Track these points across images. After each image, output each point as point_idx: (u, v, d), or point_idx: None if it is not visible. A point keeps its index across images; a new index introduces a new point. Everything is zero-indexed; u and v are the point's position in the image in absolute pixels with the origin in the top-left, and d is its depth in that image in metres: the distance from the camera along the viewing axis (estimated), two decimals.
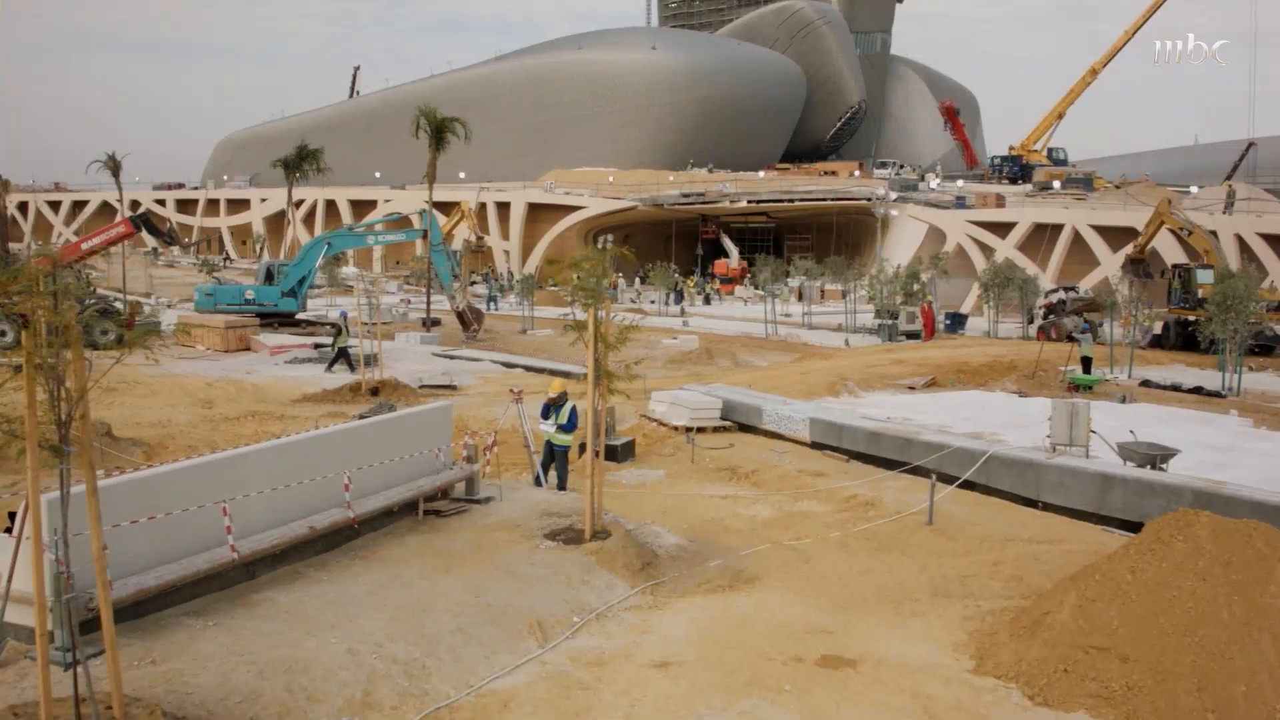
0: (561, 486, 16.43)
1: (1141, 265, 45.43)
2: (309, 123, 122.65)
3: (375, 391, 25.75)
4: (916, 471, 17.46)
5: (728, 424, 21.70)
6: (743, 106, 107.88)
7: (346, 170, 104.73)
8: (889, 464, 18.07)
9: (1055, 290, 42.54)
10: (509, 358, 31.89)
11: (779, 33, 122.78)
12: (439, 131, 37.16)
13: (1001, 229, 55.19)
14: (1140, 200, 54.31)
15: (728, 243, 77.82)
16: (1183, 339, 40.10)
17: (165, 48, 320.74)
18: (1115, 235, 51.23)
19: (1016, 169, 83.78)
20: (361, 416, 22.56)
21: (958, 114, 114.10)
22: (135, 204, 57.78)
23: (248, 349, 34.08)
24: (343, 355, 30.43)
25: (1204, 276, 40.24)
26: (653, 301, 56.91)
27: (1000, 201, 58.18)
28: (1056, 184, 63.95)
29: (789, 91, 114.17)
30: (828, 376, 30.02)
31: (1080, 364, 30.97)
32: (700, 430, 21.31)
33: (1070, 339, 37.85)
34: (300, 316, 40.83)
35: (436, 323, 45.10)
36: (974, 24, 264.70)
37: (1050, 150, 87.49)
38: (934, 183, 73.93)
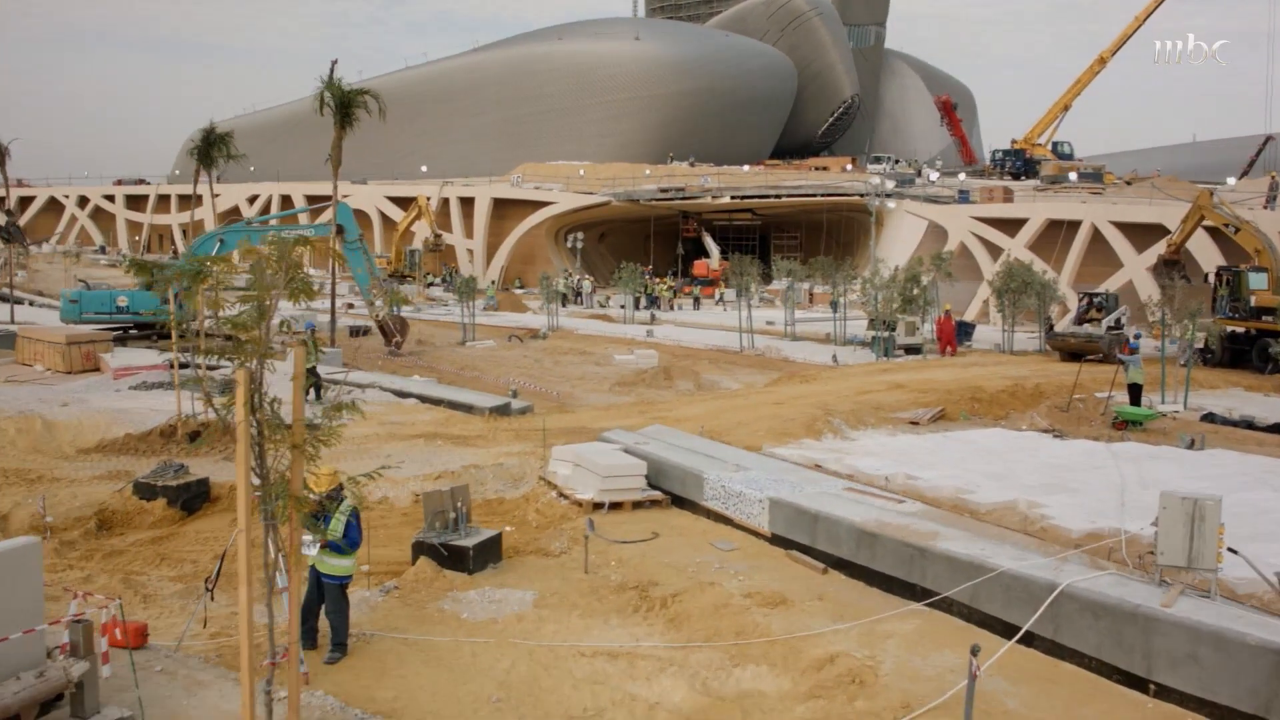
0: (337, 647, 9.63)
1: (1176, 267, 38.56)
2: (280, 117, 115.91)
3: (195, 436, 18.89)
4: (937, 598, 10.69)
5: (657, 495, 14.89)
6: (731, 100, 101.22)
7: (319, 165, 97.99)
8: (891, 582, 11.28)
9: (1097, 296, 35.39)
10: (405, 384, 24.96)
11: (769, 24, 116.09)
12: (344, 107, 30.38)
13: (1010, 226, 48.35)
14: (1168, 194, 47.55)
15: (709, 241, 70.93)
16: (1231, 355, 33.28)
17: (158, 46, 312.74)
18: (1140, 233, 44.42)
19: (1020, 164, 76.87)
20: (138, 485, 15.75)
21: (955, 109, 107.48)
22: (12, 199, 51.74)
23: (97, 369, 27.24)
24: (313, 380, 23.65)
25: (1257, 281, 33.45)
26: (622, 306, 49.98)
27: (1008, 196, 51.31)
28: (1073, 176, 56.95)
29: (779, 85, 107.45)
30: (809, 408, 23.21)
31: (1127, 393, 24.18)
32: (616, 506, 14.51)
33: (1085, 353, 30.78)
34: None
35: (365, 333, 38.35)
36: (968, 25, 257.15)
37: (1055, 144, 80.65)
38: (933, 176, 67.14)
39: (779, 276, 42.87)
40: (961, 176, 66.62)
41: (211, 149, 40.79)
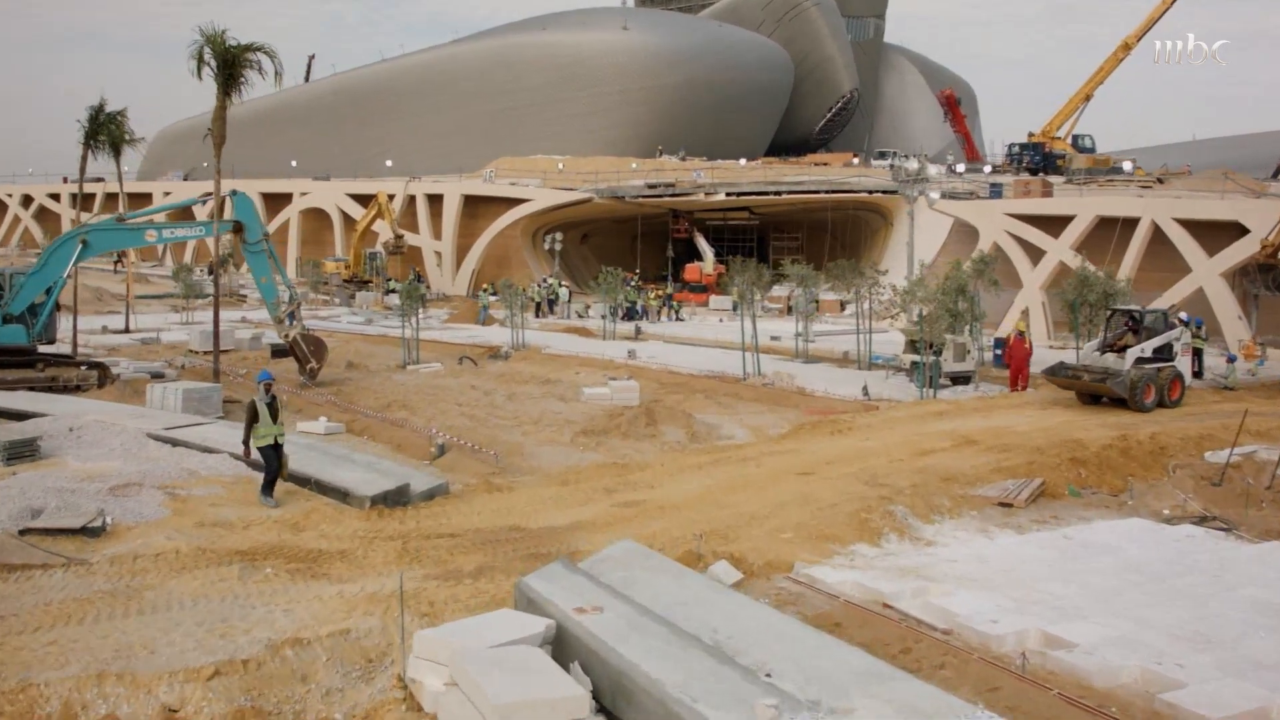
0: None
1: (1273, 273, 31.28)
2: (252, 111, 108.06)
3: None
4: None
5: None
6: (724, 94, 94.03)
7: (282, 162, 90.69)
8: None
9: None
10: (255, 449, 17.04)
11: (765, 15, 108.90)
12: (229, 66, 22.79)
13: (1052, 224, 40.87)
14: (1240, 185, 40.16)
15: (702, 243, 63.32)
16: None
17: (149, 47, 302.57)
18: (1210, 233, 36.94)
19: (1038, 158, 69.26)
20: None
21: (959, 104, 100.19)
22: None
23: None
24: (270, 460, 14.59)
25: None
26: (603, 317, 42.21)
27: (1047, 190, 43.81)
28: (1128, 165, 49.57)
29: (775, 78, 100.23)
30: (852, 483, 15.73)
31: None
32: None
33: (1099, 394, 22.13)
34: (45, 351, 26.27)
35: (283, 354, 30.50)
36: (959, 26, 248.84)
37: (1075, 137, 72.99)
38: (960, 168, 59.71)
39: (791, 282, 35.22)
40: (987, 169, 59.20)
41: (100, 131, 33.03)
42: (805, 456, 17.67)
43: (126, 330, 40.17)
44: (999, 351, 31.88)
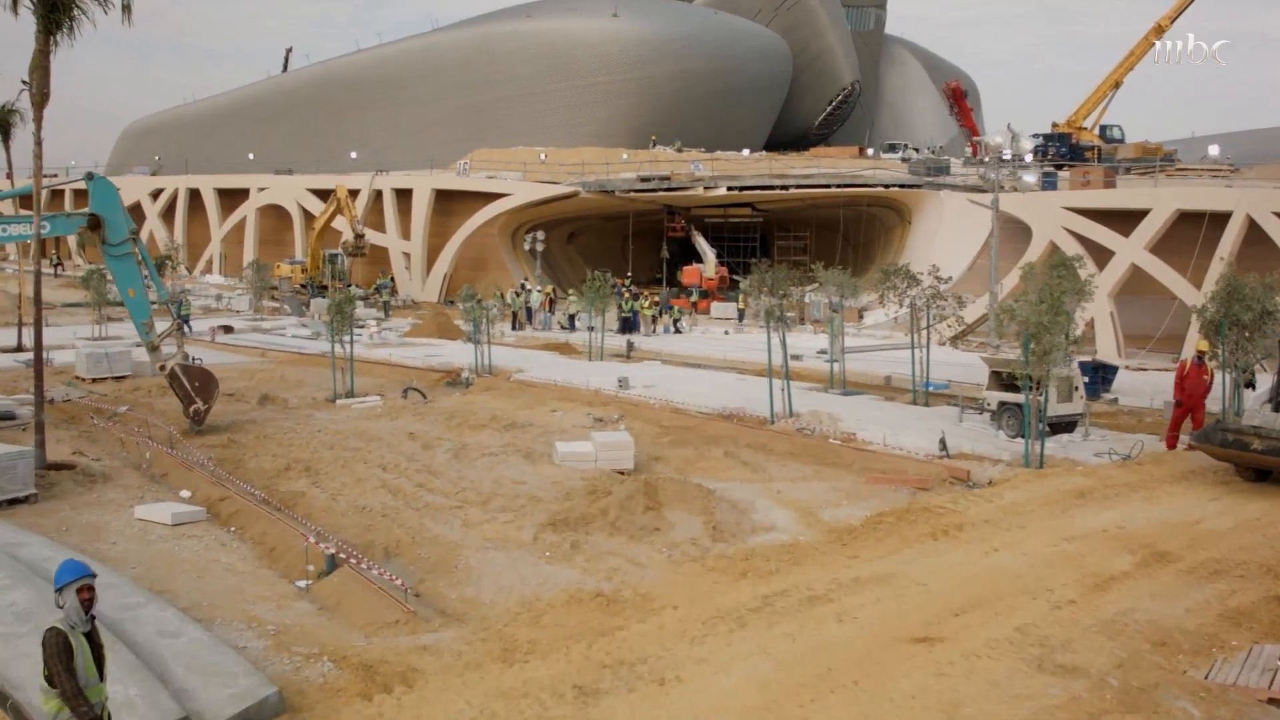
0: None
1: None
2: (223, 105, 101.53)
3: None
4: None
5: None
6: (720, 85, 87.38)
7: (265, 156, 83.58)
8: None
9: None
10: None
11: (762, 3, 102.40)
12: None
13: (1118, 220, 34.04)
14: None
15: (702, 243, 56.29)
16: None
17: (135, 48, 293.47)
18: None
19: (1064, 149, 62.67)
20: None
21: (965, 97, 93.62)
22: None
23: None
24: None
25: None
26: (591, 329, 35.01)
27: (1109, 180, 36.89)
28: (1214, 150, 42.77)
29: (774, 69, 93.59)
30: (1011, 658, 8.66)
31: None
32: None
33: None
34: None
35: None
36: (955, 26, 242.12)
37: (1103, 128, 66.49)
38: (1005, 154, 52.84)
39: (823, 290, 28.22)
40: (1027, 159, 52.33)
41: None
42: (911, 592, 10.58)
43: (18, 348, 32.85)
44: (1088, 380, 24.99)
